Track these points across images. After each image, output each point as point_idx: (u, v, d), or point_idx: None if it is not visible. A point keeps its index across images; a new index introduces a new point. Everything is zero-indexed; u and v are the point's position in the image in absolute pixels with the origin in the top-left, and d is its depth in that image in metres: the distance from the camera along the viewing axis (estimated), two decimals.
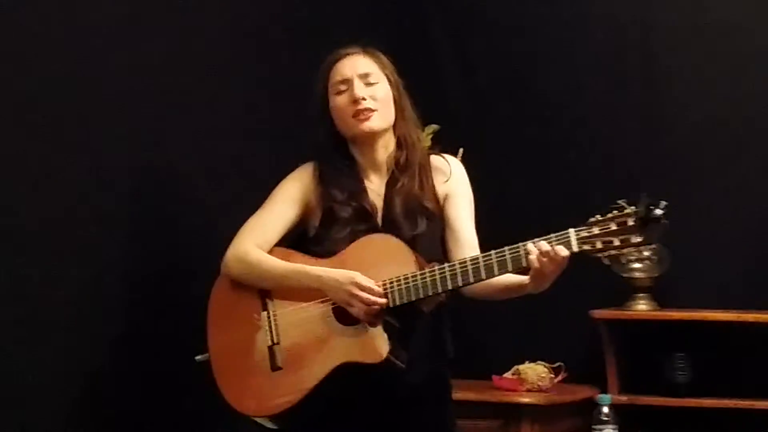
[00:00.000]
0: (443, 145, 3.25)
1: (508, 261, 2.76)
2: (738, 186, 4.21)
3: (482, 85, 4.59)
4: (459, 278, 2.80)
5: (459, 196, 3.04)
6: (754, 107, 4.21)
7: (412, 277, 2.82)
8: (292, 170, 3.04)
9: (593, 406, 2.94)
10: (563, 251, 2.70)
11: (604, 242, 2.70)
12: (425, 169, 3.01)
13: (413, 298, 2.83)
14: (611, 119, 4.39)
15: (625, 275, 4.14)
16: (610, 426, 2.89)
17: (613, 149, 4.37)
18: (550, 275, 2.75)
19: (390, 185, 2.99)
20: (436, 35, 4.60)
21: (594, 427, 2.90)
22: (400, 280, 2.83)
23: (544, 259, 2.71)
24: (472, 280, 2.79)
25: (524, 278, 2.82)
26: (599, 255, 2.72)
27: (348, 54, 3.01)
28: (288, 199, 2.99)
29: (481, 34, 4.58)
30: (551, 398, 4.08)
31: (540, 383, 4.13)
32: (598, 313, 4.14)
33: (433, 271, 2.82)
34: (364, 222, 2.95)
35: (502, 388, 4.16)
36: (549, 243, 2.72)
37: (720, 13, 4.27)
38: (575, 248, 2.71)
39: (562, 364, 4.20)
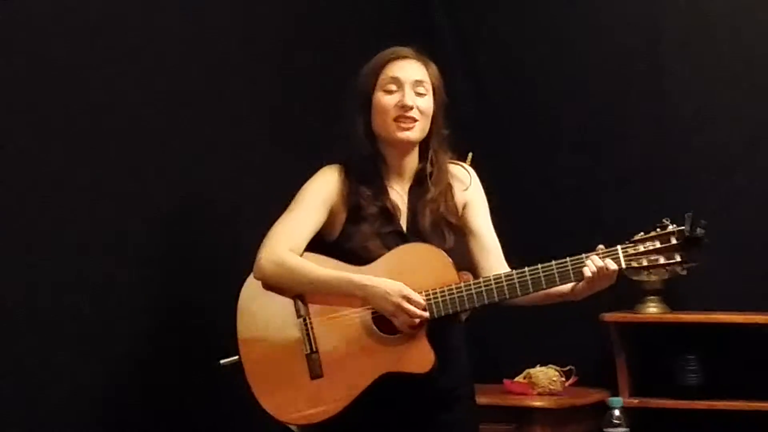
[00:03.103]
0: (452, 149, 3.26)
1: (571, 272, 2.83)
2: (747, 189, 4.21)
3: (491, 90, 4.59)
4: (518, 289, 2.83)
5: (479, 204, 3.07)
6: (759, 110, 4.21)
7: (457, 288, 2.85)
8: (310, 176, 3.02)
9: (604, 409, 2.94)
10: (612, 265, 2.81)
11: (649, 260, 2.81)
12: (450, 184, 3.04)
13: (459, 309, 2.86)
14: (618, 122, 4.40)
15: (635, 278, 4.15)
16: (622, 429, 2.89)
17: (620, 153, 4.38)
18: (597, 287, 2.85)
19: (415, 193, 3.00)
20: (445, 40, 4.61)
21: (605, 430, 2.91)
22: (444, 291, 2.85)
23: (596, 272, 2.81)
24: (531, 290, 2.84)
25: (566, 287, 2.88)
26: (643, 272, 2.85)
27: (405, 57, 3.01)
28: (317, 203, 2.96)
29: (490, 40, 4.59)
30: (562, 402, 4.08)
31: (551, 387, 4.13)
32: (609, 316, 4.14)
33: (488, 281, 2.85)
34: (387, 223, 2.95)
35: (513, 392, 4.16)
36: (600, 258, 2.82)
37: (726, 18, 4.27)
38: (623, 264, 2.82)
39: (573, 367, 4.20)
